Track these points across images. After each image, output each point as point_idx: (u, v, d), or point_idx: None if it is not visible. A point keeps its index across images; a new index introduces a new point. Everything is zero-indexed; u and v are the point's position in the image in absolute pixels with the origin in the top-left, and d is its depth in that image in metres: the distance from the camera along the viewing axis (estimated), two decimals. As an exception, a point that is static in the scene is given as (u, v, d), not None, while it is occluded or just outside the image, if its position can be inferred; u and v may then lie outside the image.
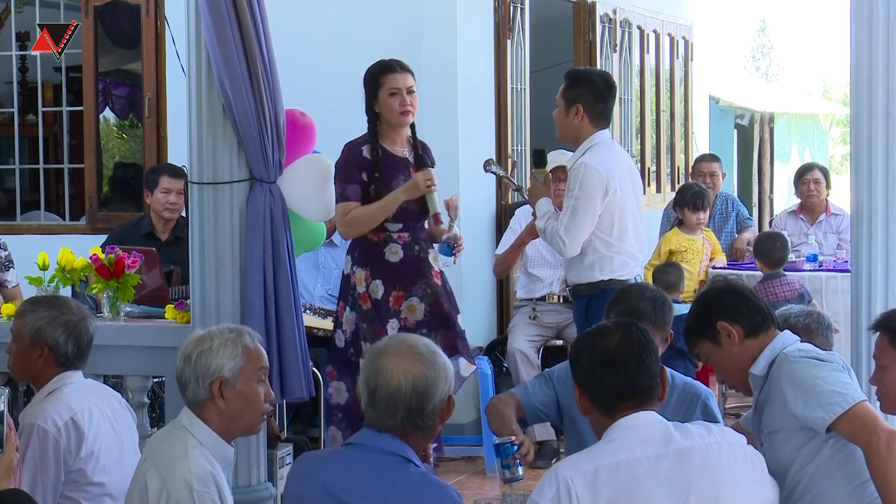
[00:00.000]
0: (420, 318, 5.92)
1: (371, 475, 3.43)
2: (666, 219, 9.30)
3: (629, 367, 3.53)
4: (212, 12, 5.34)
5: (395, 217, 5.93)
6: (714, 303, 3.98)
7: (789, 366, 3.77)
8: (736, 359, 3.91)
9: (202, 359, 3.83)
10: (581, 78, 6.12)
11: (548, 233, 6.01)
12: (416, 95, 5.99)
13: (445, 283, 6.04)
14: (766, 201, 17.71)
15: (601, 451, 3.47)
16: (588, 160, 5.93)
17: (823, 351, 3.89)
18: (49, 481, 4.31)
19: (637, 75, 11.12)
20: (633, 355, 3.54)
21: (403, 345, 3.51)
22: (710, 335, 3.93)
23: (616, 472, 3.40)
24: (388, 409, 3.44)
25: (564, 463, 3.51)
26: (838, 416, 3.62)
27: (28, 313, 4.51)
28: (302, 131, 6.02)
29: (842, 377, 3.73)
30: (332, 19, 8.46)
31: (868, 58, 5.31)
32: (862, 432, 3.60)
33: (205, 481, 3.73)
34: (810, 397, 3.67)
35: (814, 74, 40.14)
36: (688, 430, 3.54)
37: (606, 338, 3.59)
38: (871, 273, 5.33)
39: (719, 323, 3.90)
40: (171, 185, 7.32)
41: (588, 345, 3.63)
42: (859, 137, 5.37)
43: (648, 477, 3.40)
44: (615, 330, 3.61)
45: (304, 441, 6.74)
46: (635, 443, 3.46)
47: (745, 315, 3.91)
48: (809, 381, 3.70)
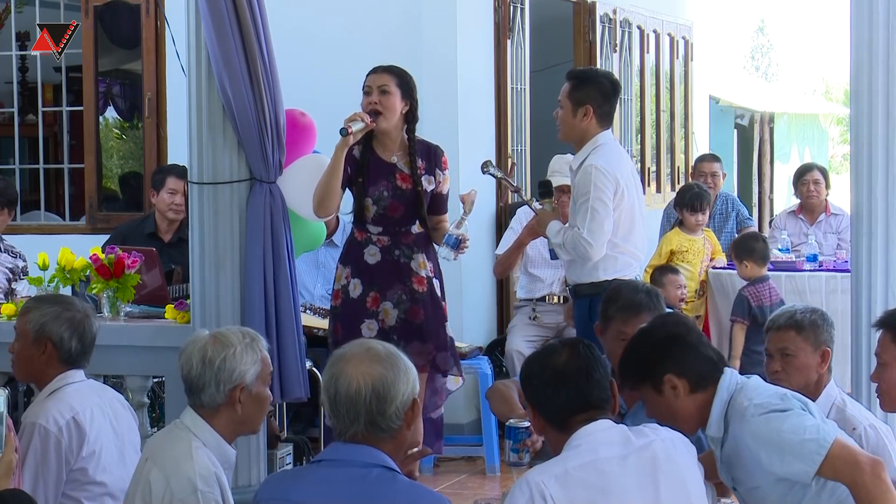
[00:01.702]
0: (392, 325, 5.83)
1: (357, 491, 3.32)
2: (666, 219, 9.30)
3: (579, 382, 3.55)
4: (212, 12, 5.35)
5: (375, 219, 5.85)
6: (663, 352, 3.80)
7: (752, 426, 3.65)
8: (679, 412, 3.78)
9: (226, 364, 3.83)
10: (588, 78, 6.10)
11: (568, 242, 5.91)
12: (391, 96, 5.81)
13: (432, 290, 5.90)
14: (766, 201, 17.71)
15: (567, 457, 3.49)
16: (596, 161, 5.90)
17: (776, 394, 3.73)
18: (50, 480, 4.32)
19: (637, 75, 11.12)
20: (583, 371, 3.56)
21: (361, 348, 3.45)
22: (652, 383, 3.80)
23: (586, 471, 3.43)
24: (350, 415, 3.36)
25: (533, 471, 3.50)
26: (819, 464, 3.56)
27: (32, 310, 4.52)
28: (302, 131, 6.02)
29: (806, 421, 3.62)
30: (331, 19, 8.46)
31: (868, 58, 5.31)
32: (844, 471, 3.54)
33: (209, 482, 3.74)
34: (785, 453, 3.59)
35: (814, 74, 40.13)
36: (640, 431, 3.59)
37: (554, 357, 3.61)
38: (871, 273, 5.33)
39: (665, 375, 3.76)
40: (177, 186, 7.28)
41: (537, 366, 3.64)
42: (859, 137, 5.37)
43: (618, 472, 3.45)
44: (562, 349, 3.64)
45: (304, 441, 6.74)
46: (598, 446, 3.49)
47: (694, 368, 3.76)
48: (778, 438, 3.61)
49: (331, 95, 7.74)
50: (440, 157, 6.01)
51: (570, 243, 5.91)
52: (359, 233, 5.92)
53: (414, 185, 5.85)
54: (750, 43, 38.93)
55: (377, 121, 5.79)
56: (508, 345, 7.90)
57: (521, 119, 9.15)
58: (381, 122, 5.81)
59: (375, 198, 5.83)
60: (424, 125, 6.11)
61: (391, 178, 5.85)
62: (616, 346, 4.57)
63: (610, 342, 4.61)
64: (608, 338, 4.63)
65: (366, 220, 5.87)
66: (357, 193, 5.87)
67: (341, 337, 5.79)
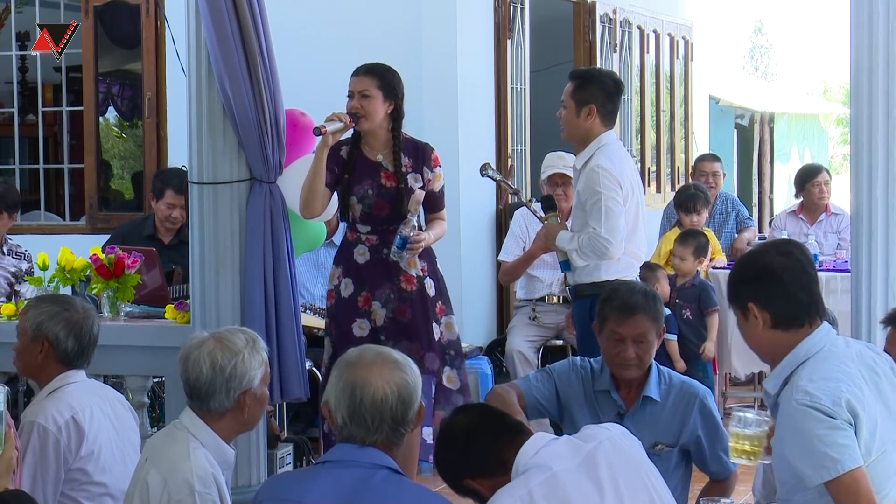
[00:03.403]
0: (380, 325, 5.83)
1: (362, 493, 3.34)
2: (666, 219, 9.30)
3: (495, 440, 3.59)
4: (212, 12, 5.35)
5: (362, 218, 5.85)
6: (752, 278, 3.71)
7: (792, 411, 3.57)
8: (759, 341, 3.71)
9: (236, 371, 3.84)
10: (591, 78, 6.08)
11: (585, 244, 5.84)
12: (372, 99, 5.78)
13: (423, 289, 5.88)
14: (766, 201, 17.69)
15: (524, 480, 3.45)
16: (601, 161, 5.87)
17: (833, 395, 3.55)
18: (49, 479, 4.32)
19: (637, 75, 11.12)
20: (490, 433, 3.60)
21: (378, 355, 3.48)
22: (740, 307, 3.72)
23: (548, 486, 3.40)
24: (375, 422, 3.39)
25: (495, 499, 3.46)
26: (825, 480, 3.51)
27: (32, 308, 4.57)
28: (302, 131, 6.02)
29: (839, 437, 3.52)
30: (332, 19, 8.47)
31: (868, 58, 5.30)
32: (842, 501, 3.50)
33: (206, 482, 3.74)
34: (804, 452, 3.54)
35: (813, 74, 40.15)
36: (584, 434, 3.59)
37: (455, 419, 3.73)
38: (871, 273, 5.33)
39: (749, 303, 3.67)
40: (174, 201, 7.23)
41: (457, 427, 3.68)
42: (859, 137, 5.37)
43: (576, 482, 3.43)
44: (458, 413, 3.77)
45: (303, 441, 6.74)
46: (549, 462, 3.46)
47: (778, 305, 3.65)
48: (806, 437, 3.54)
49: (331, 96, 7.75)
50: (429, 154, 5.96)
51: (588, 245, 5.85)
52: (350, 233, 5.93)
53: (397, 182, 5.85)
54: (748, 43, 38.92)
55: (358, 122, 5.79)
56: (508, 345, 7.90)
57: (521, 119, 9.15)
58: (363, 123, 5.81)
59: (360, 196, 5.83)
60: (424, 125, 6.12)
61: (376, 177, 5.85)
62: (611, 346, 4.58)
63: (605, 342, 4.62)
64: (604, 338, 4.63)
65: (354, 220, 5.88)
66: (342, 192, 5.88)
67: (335, 337, 5.82)
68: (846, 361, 3.65)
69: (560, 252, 6.00)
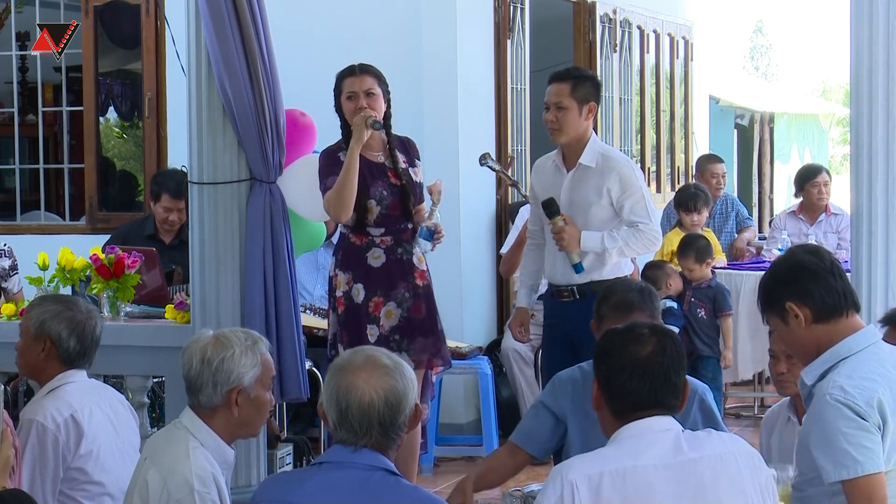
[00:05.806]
0: (395, 324, 5.81)
1: (359, 494, 3.34)
2: (666, 219, 9.30)
3: (655, 382, 3.40)
4: (212, 12, 5.35)
5: (378, 220, 5.83)
6: (786, 278, 3.69)
7: (825, 404, 3.54)
8: (803, 342, 3.68)
9: (224, 365, 3.83)
10: (583, 76, 6.12)
11: (634, 241, 5.86)
12: (377, 97, 5.80)
13: (429, 283, 5.92)
14: (766, 201, 17.69)
15: (606, 456, 3.38)
16: (618, 156, 6.05)
17: (868, 396, 3.53)
18: (48, 477, 4.33)
19: (637, 75, 11.12)
20: (662, 371, 3.41)
21: (366, 359, 3.44)
22: (778, 311, 3.70)
23: (621, 479, 3.31)
24: (363, 427, 3.37)
25: (570, 464, 3.40)
26: (842, 479, 3.49)
27: (35, 307, 4.59)
28: (302, 131, 6.03)
29: (865, 439, 3.50)
30: (331, 19, 8.46)
31: (868, 58, 5.31)
32: (854, 502, 3.49)
33: (206, 482, 3.74)
34: (827, 446, 3.52)
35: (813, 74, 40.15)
36: (699, 439, 3.44)
37: (639, 345, 3.43)
38: (871, 273, 5.33)
39: (787, 303, 3.65)
40: (171, 205, 7.21)
41: (619, 346, 3.47)
42: (859, 137, 5.37)
43: (653, 487, 3.32)
44: (650, 337, 3.46)
45: (303, 441, 6.73)
46: (643, 449, 3.36)
47: (817, 298, 3.63)
48: (832, 432, 3.51)
49: (331, 96, 7.75)
50: (415, 146, 6.03)
51: (638, 241, 5.90)
52: (357, 237, 5.86)
53: (400, 180, 5.85)
54: (748, 43, 38.94)
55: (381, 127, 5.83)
56: (505, 343, 7.90)
57: (521, 119, 9.15)
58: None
59: (378, 198, 5.81)
60: (424, 125, 6.12)
61: (384, 178, 5.85)
62: None
63: (603, 340, 4.62)
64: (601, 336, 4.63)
65: (367, 223, 5.83)
66: (357, 196, 5.83)
67: (346, 344, 5.74)
68: (887, 366, 3.62)
69: (575, 255, 5.91)
